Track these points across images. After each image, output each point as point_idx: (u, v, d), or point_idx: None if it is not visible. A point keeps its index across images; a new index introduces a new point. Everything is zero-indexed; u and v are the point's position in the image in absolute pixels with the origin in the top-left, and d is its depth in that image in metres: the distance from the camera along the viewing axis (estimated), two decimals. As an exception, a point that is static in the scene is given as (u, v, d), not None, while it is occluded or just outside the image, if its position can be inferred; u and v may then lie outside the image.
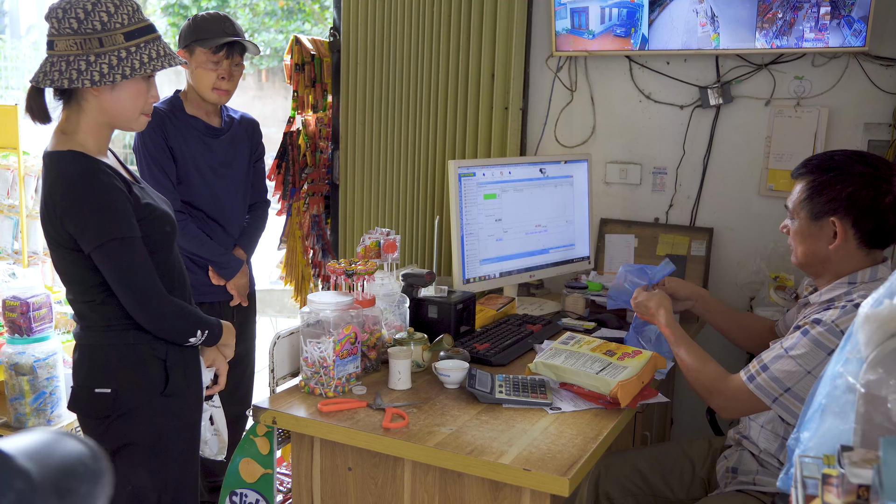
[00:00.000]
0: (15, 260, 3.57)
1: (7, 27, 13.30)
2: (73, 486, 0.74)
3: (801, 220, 1.78)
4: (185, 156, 2.52)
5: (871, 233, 1.70)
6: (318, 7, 11.11)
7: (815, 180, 1.75)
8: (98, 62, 1.62)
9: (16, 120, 3.44)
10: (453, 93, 3.16)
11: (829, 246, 1.73)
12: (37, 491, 0.68)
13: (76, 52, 1.62)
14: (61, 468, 0.74)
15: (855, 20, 2.52)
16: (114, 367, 1.73)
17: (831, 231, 1.72)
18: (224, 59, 2.50)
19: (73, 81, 1.61)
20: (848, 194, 1.69)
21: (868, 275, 1.72)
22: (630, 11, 2.84)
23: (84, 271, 1.69)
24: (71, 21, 1.61)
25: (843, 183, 1.70)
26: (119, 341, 1.73)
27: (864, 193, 1.68)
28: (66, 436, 0.78)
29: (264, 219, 2.82)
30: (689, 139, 2.92)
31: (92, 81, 1.62)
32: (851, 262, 1.74)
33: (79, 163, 1.65)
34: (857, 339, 0.91)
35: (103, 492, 0.77)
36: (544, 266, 2.82)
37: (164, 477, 1.77)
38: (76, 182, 1.63)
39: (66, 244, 1.67)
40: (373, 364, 2.09)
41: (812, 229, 1.76)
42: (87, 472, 0.76)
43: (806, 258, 1.79)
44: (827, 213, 1.72)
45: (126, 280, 1.66)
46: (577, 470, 1.55)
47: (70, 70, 1.62)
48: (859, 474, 0.79)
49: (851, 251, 1.73)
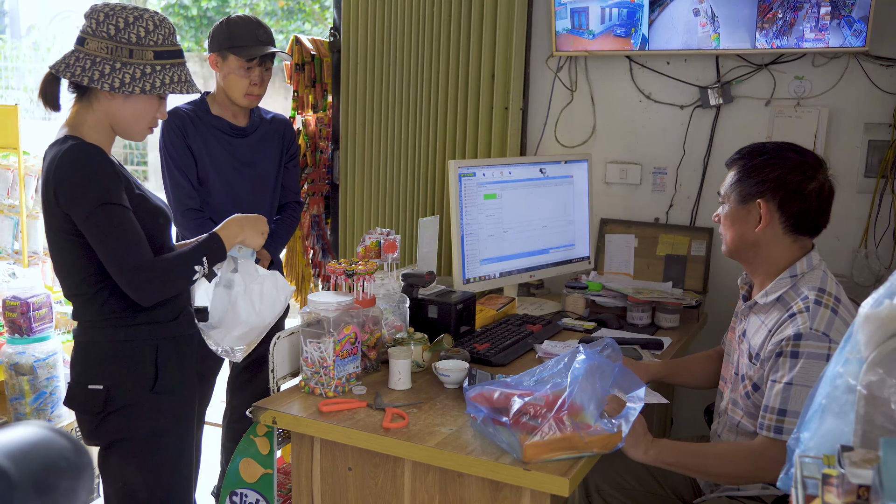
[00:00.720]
0: (15, 260, 3.57)
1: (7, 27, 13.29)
2: (54, 483, 0.73)
3: (730, 205, 1.80)
4: (204, 156, 2.54)
5: (797, 217, 1.72)
6: (318, 7, 11.11)
7: (746, 164, 1.77)
8: (122, 70, 1.67)
9: (16, 120, 3.44)
10: (453, 93, 3.16)
11: (756, 229, 1.75)
12: (15, 489, 0.68)
13: (104, 56, 1.67)
14: (42, 465, 0.73)
15: (855, 20, 2.52)
16: (106, 363, 1.75)
17: (758, 213, 1.74)
18: (257, 67, 2.52)
19: (93, 80, 1.67)
20: (776, 176, 1.71)
21: (805, 264, 1.74)
22: (630, 11, 2.84)
23: (78, 259, 1.71)
24: (109, 27, 1.66)
25: (772, 166, 1.73)
26: (111, 337, 1.75)
27: (790, 177, 1.71)
28: (47, 430, 0.78)
29: (294, 219, 2.82)
30: (690, 139, 2.92)
31: (111, 87, 1.67)
32: (780, 248, 1.75)
33: (78, 145, 1.69)
34: (857, 339, 0.91)
35: (86, 486, 0.77)
36: (544, 266, 2.82)
37: (156, 475, 1.79)
38: (72, 157, 1.66)
39: (61, 226, 1.69)
40: (373, 364, 2.09)
41: (740, 213, 1.77)
42: (68, 468, 0.76)
43: (734, 244, 1.80)
44: (754, 195, 1.74)
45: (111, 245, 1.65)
46: (577, 470, 1.55)
47: (94, 69, 1.67)
48: (859, 474, 0.79)
49: (778, 236, 1.74)
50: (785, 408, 1.60)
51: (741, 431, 1.80)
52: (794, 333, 1.63)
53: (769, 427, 1.62)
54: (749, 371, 1.76)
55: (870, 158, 2.67)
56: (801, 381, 1.59)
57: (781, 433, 1.60)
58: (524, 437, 1.56)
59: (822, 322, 1.62)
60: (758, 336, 1.76)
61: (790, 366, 1.61)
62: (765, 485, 1.74)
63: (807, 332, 1.61)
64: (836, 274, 2.73)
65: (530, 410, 1.60)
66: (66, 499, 0.73)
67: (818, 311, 1.64)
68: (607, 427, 1.59)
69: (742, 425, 1.80)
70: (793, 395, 1.60)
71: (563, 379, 1.65)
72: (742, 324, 1.86)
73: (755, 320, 1.80)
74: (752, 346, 1.77)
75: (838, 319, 1.64)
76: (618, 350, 1.71)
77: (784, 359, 1.63)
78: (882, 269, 2.67)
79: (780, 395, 1.62)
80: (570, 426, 1.58)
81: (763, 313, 1.78)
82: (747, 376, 1.77)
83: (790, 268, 1.75)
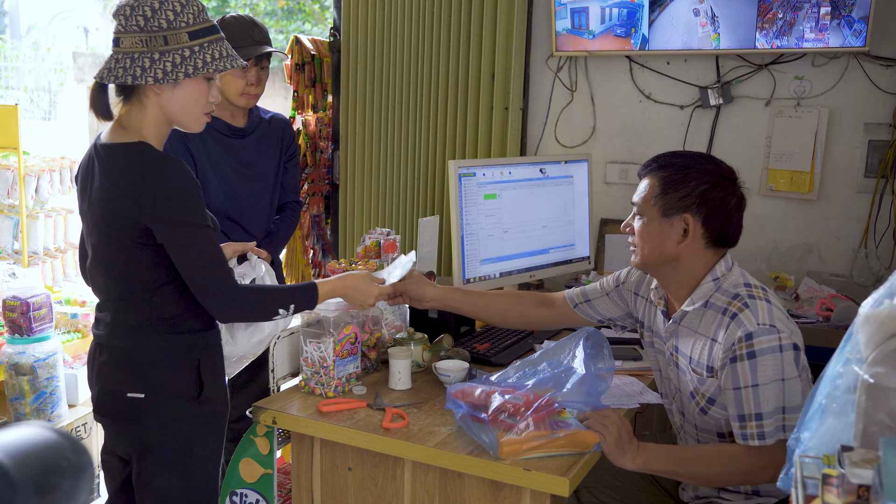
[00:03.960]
0: (15, 260, 3.58)
1: (7, 27, 13.29)
2: (55, 483, 0.73)
3: (649, 218, 1.74)
4: (202, 157, 2.52)
5: (718, 232, 1.70)
6: (318, 7, 11.12)
7: (668, 177, 1.72)
8: (162, 60, 1.63)
9: (16, 120, 3.45)
10: (453, 93, 3.16)
11: (679, 244, 1.71)
12: (17, 490, 0.68)
13: (141, 50, 1.63)
14: (42, 465, 0.73)
15: (855, 20, 2.52)
16: (148, 370, 1.69)
17: (681, 228, 1.71)
18: (253, 67, 2.51)
19: (136, 78, 1.62)
20: (701, 192, 1.69)
21: (724, 266, 1.73)
22: (630, 11, 2.84)
23: (135, 266, 1.66)
24: (138, 18, 1.62)
25: (697, 180, 1.69)
26: (154, 344, 1.69)
27: (715, 193, 1.69)
28: (47, 430, 0.78)
29: (293, 220, 2.81)
30: (690, 139, 2.92)
31: (155, 79, 1.62)
32: (699, 261, 1.73)
33: (153, 151, 1.66)
34: (857, 339, 0.91)
35: (86, 486, 0.77)
36: (544, 266, 2.82)
37: (191, 481, 1.75)
38: (166, 171, 1.63)
39: (128, 233, 1.63)
40: (373, 364, 2.09)
41: (662, 226, 1.72)
42: (69, 468, 0.75)
43: (653, 257, 1.75)
44: (679, 209, 1.70)
45: (199, 264, 1.64)
46: (577, 470, 1.55)
47: (134, 67, 1.62)
48: (859, 474, 0.79)
49: (699, 250, 1.72)
50: (760, 411, 1.58)
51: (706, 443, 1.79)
52: (744, 334, 1.60)
53: (752, 436, 1.59)
54: (700, 387, 1.72)
55: (870, 158, 2.67)
56: (765, 379, 1.58)
57: (765, 438, 1.58)
58: (501, 435, 1.57)
59: (765, 315, 1.61)
60: (698, 349, 1.72)
61: (750, 368, 1.59)
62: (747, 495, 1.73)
63: (756, 329, 1.59)
64: (836, 274, 2.74)
65: (509, 408, 1.61)
66: (66, 499, 0.73)
67: (757, 305, 1.63)
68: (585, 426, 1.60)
69: (702, 440, 1.78)
70: (762, 396, 1.58)
71: (545, 376, 1.66)
72: (671, 340, 1.81)
73: (687, 334, 1.76)
74: (696, 361, 1.72)
75: (775, 308, 1.64)
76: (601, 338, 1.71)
77: (741, 363, 1.60)
78: (882, 269, 2.67)
79: (751, 400, 1.59)
80: (548, 425, 1.58)
81: (694, 324, 1.74)
82: (698, 392, 1.73)
83: (710, 272, 1.72)
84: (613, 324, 2.07)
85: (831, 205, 2.76)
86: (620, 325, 2.07)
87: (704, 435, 1.77)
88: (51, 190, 3.79)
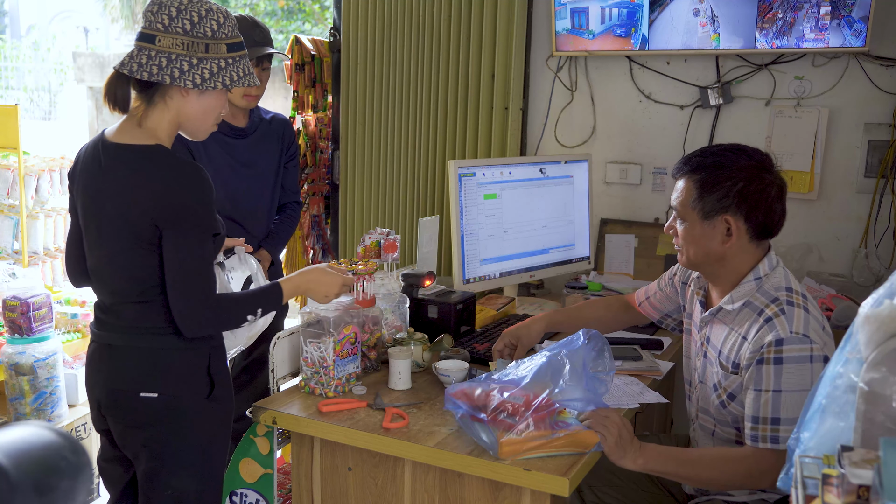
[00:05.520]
0: (15, 260, 3.58)
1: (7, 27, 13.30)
2: (54, 483, 0.73)
3: (690, 222, 1.74)
4: (203, 157, 2.53)
5: (762, 225, 1.70)
6: (318, 7, 11.12)
7: (702, 180, 1.72)
8: (200, 66, 1.64)
9: (16, 120, 3.44)
10: (453, 93, 3.16)
11: (724, 244, 1.71)
12: (16, 490, 0.68)
13: (180, 52, 1.63)
14: (41, 465, 0.73)
15: (855, 20, 2.52)
16: (162, 371, 1.69)
17: (724, 228, 1.71)
18: (253, 67, 2.51)
19: (174, 79, 1.63)
20: (738, 190, 1.68)
21: (767, 265, 1.72)
22: (630, 11, 2.84)
23: (150, 268, 1.66)
24: (185, 22, 1.63)
25: (732, 179, 1.68)
26: (169, 345, 1.69)
27: (752, 187, 1.68)
28: (46, 430, 0.78)
29: (293, 220, 2.82)
30: (690, 139, 2.92)
31: (194, 84, 1.64)
32: (745, 256, 1.73)
33: (175, 157, 1.67)
34: (857, 339, 0.90)
35: (85, 486, 0.77)
36: (544, 266, 2.82)
37: (205, 481, 1.76)
38: (190, 178, 1.63)
39: (142, 235, 1.63)
40: (373, 364, 2.09)
41: (704, 229, 1.72)
42: (67, 467, 0.75)
43: (699, 258, 1.76)
44: (719, 210, 1.70)
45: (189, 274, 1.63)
46: (577, 470, 1.55)
47: (172, 67, 1.62)
48: (859, 474, 0.79)
49: (744, 246, 1.72)
50: (778, 416, 1.57)
51: (718, 438, 1.79)
52: (774, 339, 1.59)
53: (764, 438, 1.59)
54: (723, 381, 1.73)
55: (870, 158, 2.67)
56: (790, 386, 1.57)
57: (778, 442, 1.57)
58: (501, 435, 1.57)
59: (799, 324, 1.60)
60: (729, 344, 1.72)
61: (775, 373, 1.58)
62: (752, 490, 1.73)
63: (787, 336, 1.59)
64: (836, 274, 2.74)
65: (508, 408, 1.60)
66: (65, 499, 0.73)
67: (794, 313, 1.62)
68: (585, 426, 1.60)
69: (717, 434, 1.78)
70: (783, 402, 1.57)
71: (545, 376, 1.65)
72: (704, 330, 1.82)
73: (720, 327, 1.76)
74: (725, 356, 1.73)
75: (812, 318, 1.62)
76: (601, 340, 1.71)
77: (767, 366, 1.59)
78: (882, 269, 2.67)
79: (769, 404, 1.58)
80: (548, 425, 1.58)
81: (730, 320, 1.74)
82: (721, 386, 1.74)
83: (753, 270, 1.72)
84: (668, 319, 2.13)
85: (831, 205, 2.76)
86: (674, 320, 2.12)
87: (722, 427, 1.77)
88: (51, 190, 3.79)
